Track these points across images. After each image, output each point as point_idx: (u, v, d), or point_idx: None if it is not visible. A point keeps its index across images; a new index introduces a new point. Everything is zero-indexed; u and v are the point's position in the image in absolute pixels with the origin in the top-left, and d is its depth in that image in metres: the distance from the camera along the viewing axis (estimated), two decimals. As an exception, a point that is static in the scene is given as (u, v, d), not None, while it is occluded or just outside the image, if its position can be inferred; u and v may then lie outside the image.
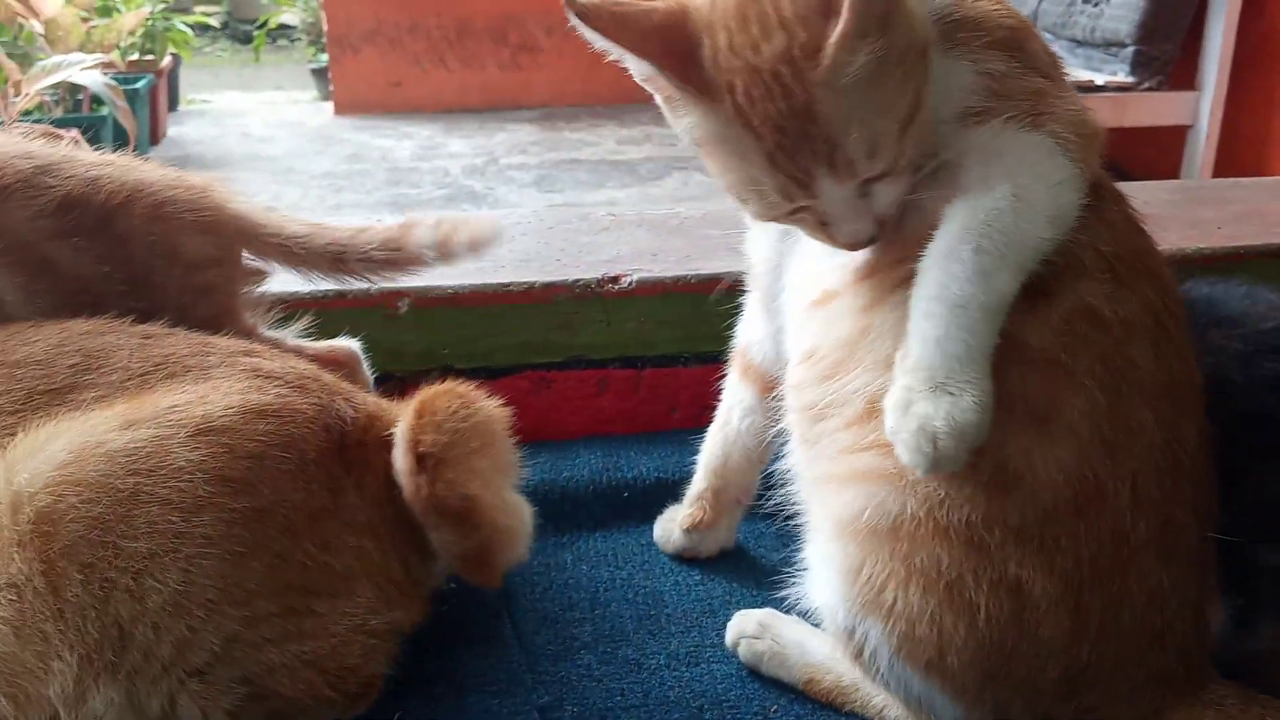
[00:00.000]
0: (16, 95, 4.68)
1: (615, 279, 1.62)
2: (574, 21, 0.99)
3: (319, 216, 1.54)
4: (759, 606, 1.29)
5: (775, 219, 1.06)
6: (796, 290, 1.18)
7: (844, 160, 0.96)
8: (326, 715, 1.13)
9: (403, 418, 1.18)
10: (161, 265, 1.29)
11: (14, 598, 1.01)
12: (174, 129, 7.16)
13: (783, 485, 1.22)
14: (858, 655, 1.07)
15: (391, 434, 1.18)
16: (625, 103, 6.61)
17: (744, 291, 1.34)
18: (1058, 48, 4.38)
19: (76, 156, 1.30)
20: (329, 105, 7.35)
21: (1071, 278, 1.02)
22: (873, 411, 1.04)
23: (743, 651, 1.23)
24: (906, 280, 1.02)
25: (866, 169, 0.97)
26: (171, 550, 1.02)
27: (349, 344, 1.49)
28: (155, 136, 6.73)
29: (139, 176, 1.31)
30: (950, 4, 1.05)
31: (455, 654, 1.26)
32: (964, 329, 0.96)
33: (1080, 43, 4.43)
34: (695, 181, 5.40)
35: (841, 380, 1.07)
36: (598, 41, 1.00)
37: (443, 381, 1.23)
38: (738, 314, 1.36)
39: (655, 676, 1.22)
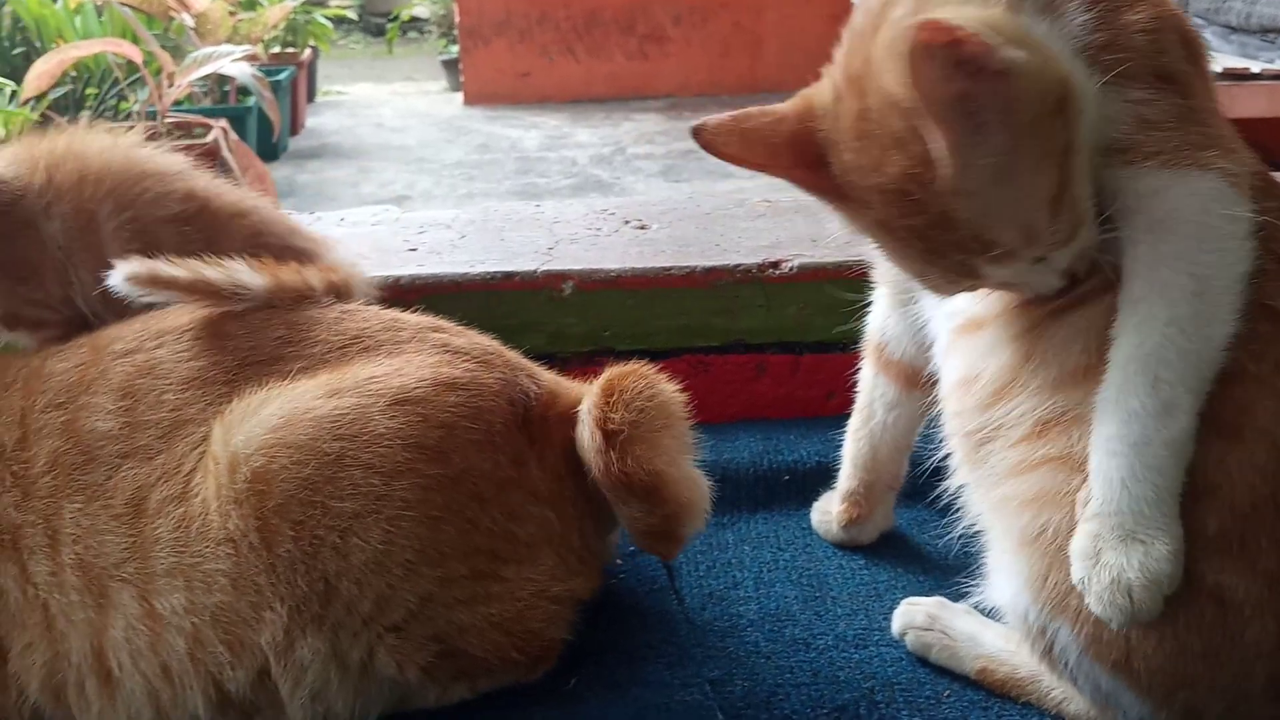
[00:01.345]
0: (170, 86, 4.89)
1: (776, 264, 1.64)
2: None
3: (451, 205, 1.60)
4: (924, 591, 1.30)
5: (952, 296, 1.06)
6: (936, 308, 1.19)
7: (1001, 249, 0.95)
8: (509, 677, 1.18)
9: (588, 396, 1.22)
10: None
11: (231, 551, 1.08)
12: (312, 120, 7.40)
13: (955, 506, 1.21)
14: (1046, 652, 1.07)
15: (574, 411, 1.22)
16: (752, 92, 6.61)
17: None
18: (1209, 34, 4.24)
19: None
20: (459, 96, 7.52)
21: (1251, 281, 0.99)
22: (1041, 432, 1.04)
23: (910, 641, 1.23)
24: (1065, 307, 1.02)
25: (1029, 252, 0.96)
26: (374, 511, 1.07)
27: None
28: (295, 127, 6.98)
29: (265, 216, 1.37)
30: (1090, 21, 0.97)
31: (625, 625, 1.30)
32: (1150, 468, 0.94)
33: (1234, 29, 4.27)
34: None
35: (1006, 406, 1.07)
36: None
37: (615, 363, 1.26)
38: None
39: (824, 656, 1.24)
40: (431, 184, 5.80)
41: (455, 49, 7.67)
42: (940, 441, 1.22)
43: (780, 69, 6.78)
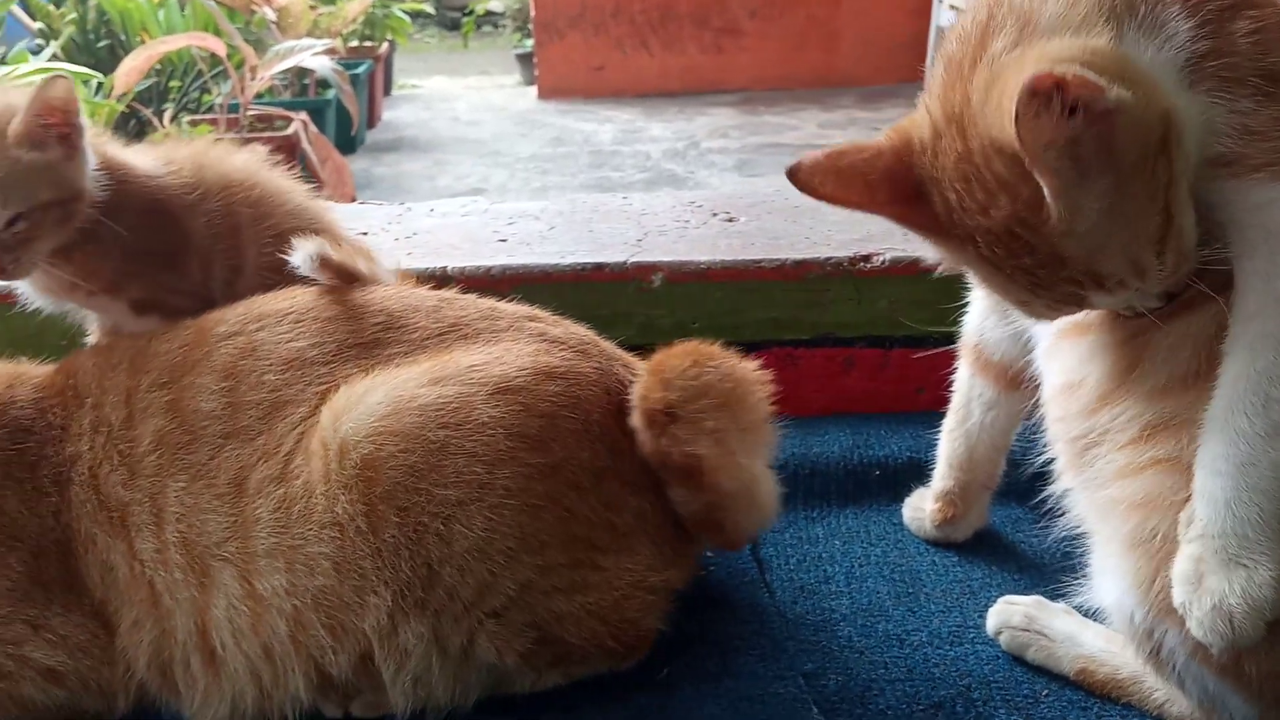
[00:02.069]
0: (252, 79, 4.98)
1: (867, 257, 1.63)
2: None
3: (526, 198, 1.62)
4: (1019, 590, 1.29)
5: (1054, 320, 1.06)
6: None
7: (1112, 282, 0.94)
8: (603, 665, 1.19)
9: (638, 376, 1.22)
10: None
11: (336, 535, 1.10)
12: (388, 113, 7.49)
13: (1059, 510, 1.19)
14: (1153, 654, 1.05)
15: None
16: (826, 86, 6.56)
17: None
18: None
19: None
20: (532, 90, 7.56)
21: None
22: (1149, 436, 1.03)
23: (1005, 640, 1.22)
24: (1171, 314, 1.00)
25: (1138, 283, 0.95)
26: (477, 499, 1.08)
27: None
28: (371, 120, 7.08)
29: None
30: (1192, 30, 0.94)
31: (715, 617, 1.30)
32: (1256, 490, 0.92)
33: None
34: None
35: (1111, 411, 1.06)
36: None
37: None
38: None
39: (918, 653, 1.23)
40: (506, 177, 5.84)
41: (529, 43, 7.72)
42: (1041, 444, 1.21)
43: (856, 63, 6.71)
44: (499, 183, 5.75)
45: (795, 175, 1.00)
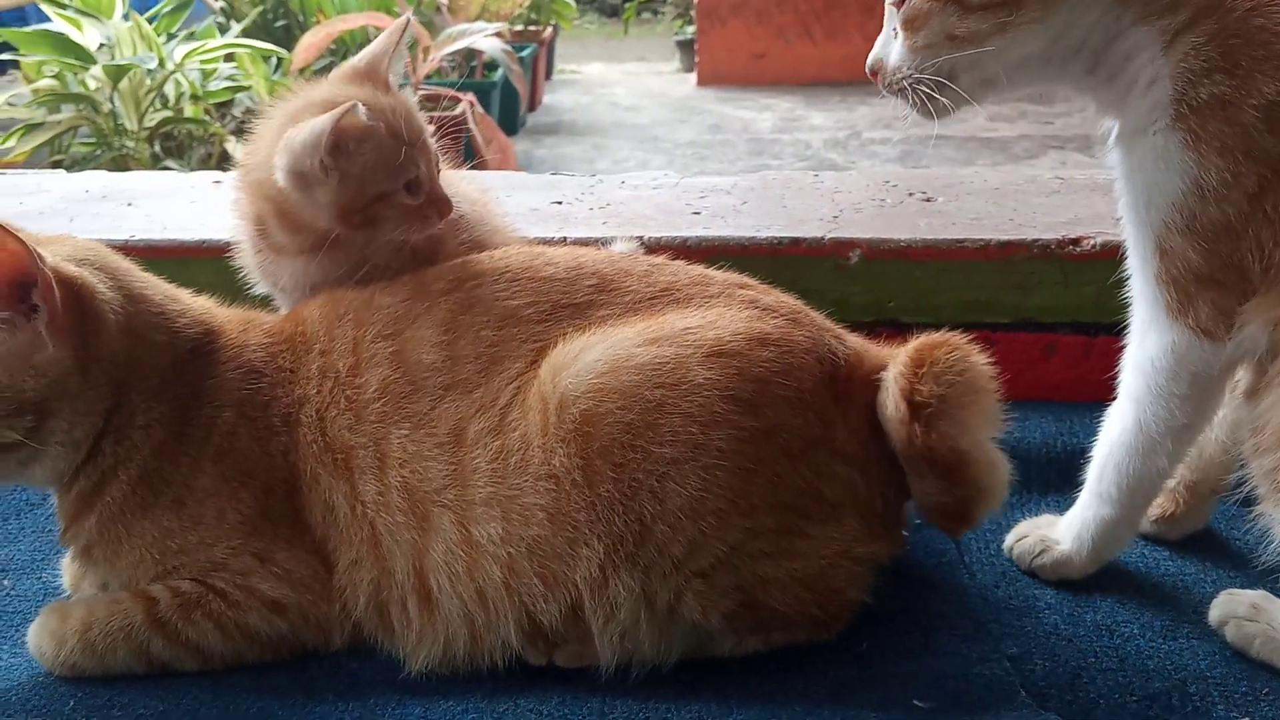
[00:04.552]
0: (424, 59, 5.12)
1: (1076, 241, 1.58)
2: None
3: None
4: (1237, 588, 1.23)
5: None
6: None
7: None
8: (804, 634, 1.19)
9: (894, 363, 1.20)
10: None
11: (552, 487, 1.12)
12: (548, 97, 7.62)
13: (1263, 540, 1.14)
14: None
15: (878, 375, 1.21)
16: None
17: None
18: None
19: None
20: (691, 76, 7.58)
21: None
22: None
23: (1230, 632, 1.17)
24: None
25: None
26: (691, 459, 1.09)
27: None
28: (533, 103, 7.21)
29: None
30: None
31: (915, 594, 1.28)
32: None
33: None
34: (1073, 161, 5.13)
35: None
36: None
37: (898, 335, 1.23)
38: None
39: (1130, 644, 1.19)
40: (664, 163, 5.87)
41: (690, 30, 7.73)
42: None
43: (1028, 53, 6.49)
44: (657, 168, 5.79)
45: None
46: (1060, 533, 1.31)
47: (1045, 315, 1.61)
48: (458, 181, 1.43)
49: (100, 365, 1.16)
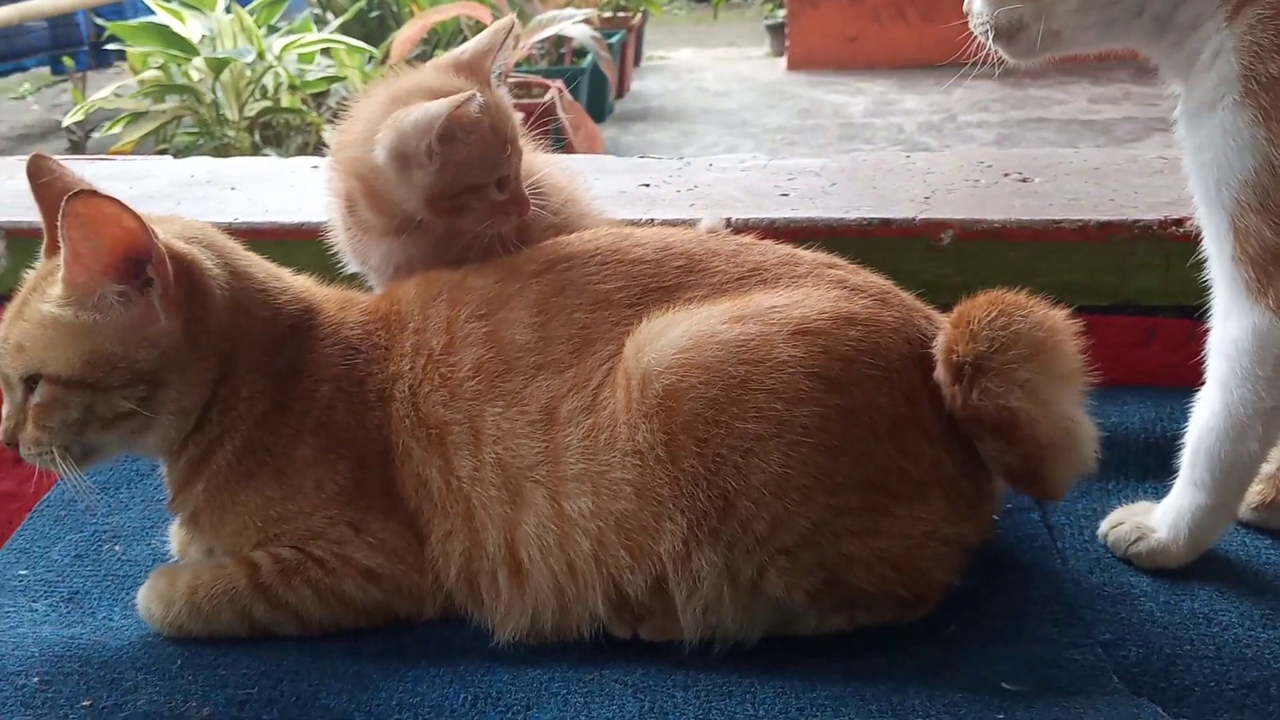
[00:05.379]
0: (514, 47, 5.17)
1: (1180, 221, 1.53)
2: None
3: None
4: (1344, 581, 1.19)
5: None
6: None
7: None
8: (889, 614, 1.18)
9: (942, 329, 1.19)
10: None
11: (638, 462, 1.14)
12: (636, 83, 7.64)
13: None
14: None
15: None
16: (1099, 59, 6.19)
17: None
18: None
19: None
20: (782, 61, 7.53)
21: None
22: None
23: (1334, 623, 1.13)
24: None
25: None
26: (775, 435, 1.10)
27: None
28: (621, 90, 7.23)
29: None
30: None
31: (1004, 578, 1.27)
32: None
33: None
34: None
35: None
36: None
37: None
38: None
39: (1228, 633, 1.16)
40: (753, 148, 5.85)
41: (781, 13, 7.68)
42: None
43: (1131, 34, 6.29)
44: (746, 153, 5.76)
45: None
46: (1156, 520, 1.28)
47: (1145, 298, 1.57)
48: (545, 166, 1.45)
49: (208, 338, 1.21)
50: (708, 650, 1.15)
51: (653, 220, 1.68)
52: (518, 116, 1.39)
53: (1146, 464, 1.43)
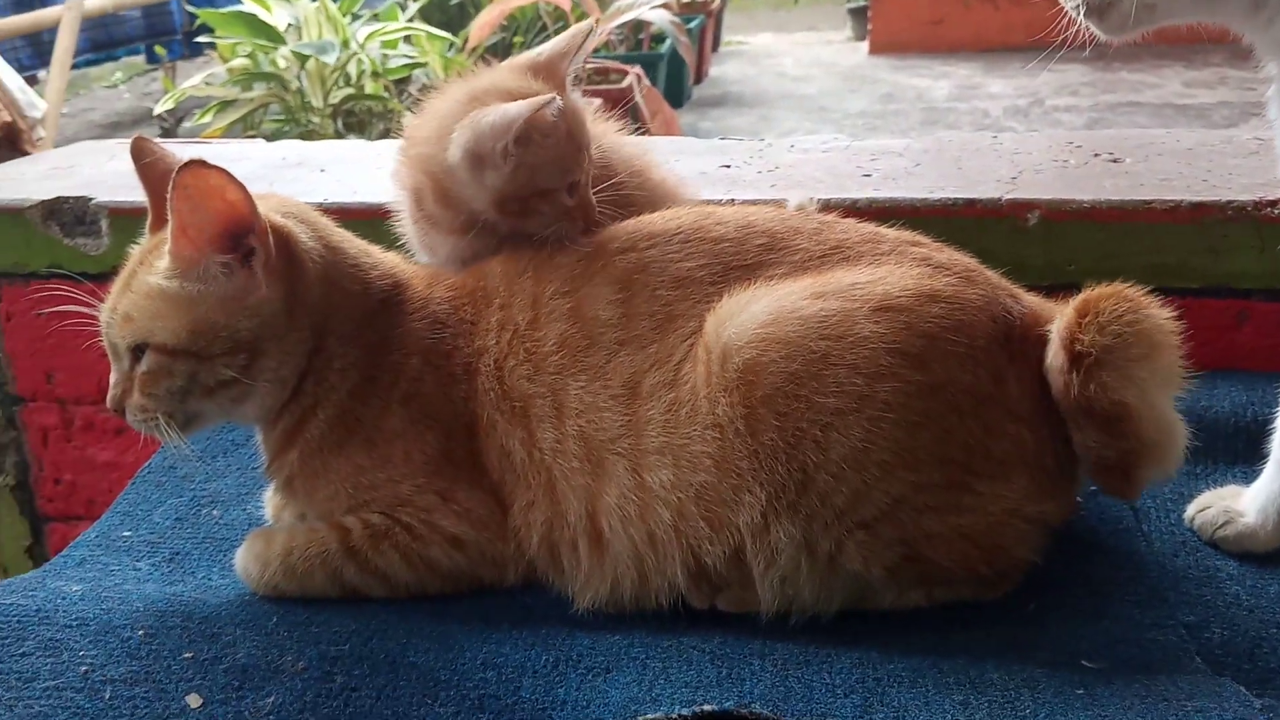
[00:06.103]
0: (593, 33, 5.18)
1: (1274, 203, 1.50)
2: None
3: None
4: None
5: None
6: None
7: None
8: (968, 591, 1.18)
9: (1061, 315, 1.18)
10: None
11: (717, 435, 1.15)
12: (714, 69, 7.61)
13: None
14: None
15: (1049, 331, 1.19)
16: (1193, 42, 6.02)
17: None
18: None
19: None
20: (863, 45, 7.44)
21: None
22: None
23: None
24: None
25: None
26: (855, 410, 1.10)
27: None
28: (699, 75, 7.22)
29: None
30: None
31: (1087, 559, 1.26)
32: None
33: None
34: (1275, 128, 4.81)
35: None
36: None
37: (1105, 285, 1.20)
38: None
39: (1319, 618, 1.14)
40: (833, 133, 5.79)
41: (863, -2, 7.59)
42: None
43: (1227, 15, 6.10)
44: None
45: None
46: (1245, 504, 1.26)
47: (1238, 281, 1.53)
48: (620, 146, 1.46)
49: (304, 309, 1.25)
50: (784, 621, 1.16)
51: (733, 201, 1.69)
52: (595, 102, 1.39)
53: (1235, 448, 1.41)
